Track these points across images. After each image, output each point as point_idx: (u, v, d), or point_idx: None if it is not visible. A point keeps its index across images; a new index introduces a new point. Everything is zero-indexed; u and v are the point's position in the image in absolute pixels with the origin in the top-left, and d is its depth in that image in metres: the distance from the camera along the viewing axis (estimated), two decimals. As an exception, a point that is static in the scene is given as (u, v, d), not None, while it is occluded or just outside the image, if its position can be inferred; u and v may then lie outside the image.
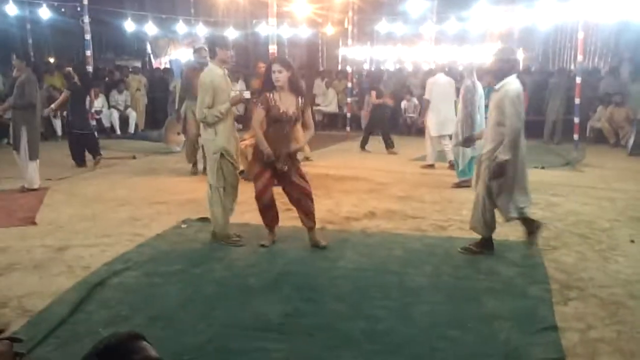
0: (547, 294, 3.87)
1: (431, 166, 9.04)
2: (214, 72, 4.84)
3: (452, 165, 8.22)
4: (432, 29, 16.32)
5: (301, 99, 4.70)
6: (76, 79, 9.00)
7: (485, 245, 4.75)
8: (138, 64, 17.94)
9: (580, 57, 10.36)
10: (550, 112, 12.16)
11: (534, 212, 6.13)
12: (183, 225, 5.54)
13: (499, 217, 4.73)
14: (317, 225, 4.98)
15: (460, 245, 4.84)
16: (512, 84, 4.46)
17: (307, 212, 4.80)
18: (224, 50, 4.92)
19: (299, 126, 4.85)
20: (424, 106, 9.28)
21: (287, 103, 4.65)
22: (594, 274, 4.27)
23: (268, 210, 4.85)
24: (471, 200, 4.80)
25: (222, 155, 4.88)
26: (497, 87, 4.54)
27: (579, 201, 6.66)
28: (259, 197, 4.75)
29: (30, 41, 13.38)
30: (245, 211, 5.72)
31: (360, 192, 7.15)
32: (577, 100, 10.30)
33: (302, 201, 4.76)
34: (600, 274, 4.27)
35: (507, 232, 5.17)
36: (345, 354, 3.07)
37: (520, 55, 18.74)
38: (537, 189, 7.35)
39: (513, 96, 4.39)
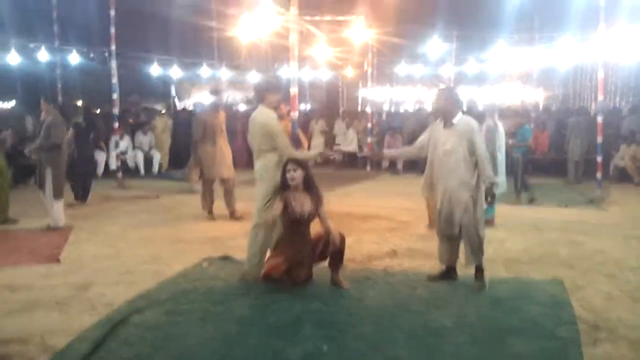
0: (576, 334, 3.77)
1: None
2: (269, 112, 4.93)
3: None
4: (451, 70, 16.47)
5: (316, 197, 4.72)
6: (81, 119, 9.26)
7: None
8: (162, 107, 18.38)
9: (600, 97, 10.30)
10: (572, 151, 12.05)
11: (559, 252, 6.03)
12: (204, 264, 5.53)
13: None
14: (339, 265, 4.96)
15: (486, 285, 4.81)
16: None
17: (338, 254, 4.74)
18: (274, 93, 4.97)
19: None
20: None
21: (302, 203, 4.70)
22: (622, 314, 4.15)
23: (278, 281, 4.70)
24: (495, 238, 4.74)
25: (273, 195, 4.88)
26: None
27: (605, 240, 6.51)
28: (266, 276, 4.62)
29: (59, 85, 13.80)
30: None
31: (382, 230, 7.10)
32: (599, 139, 10.21)
33: (336, 246, 4.70)
34: (628, 314, 4.16)
35: (530, 270, 5.06)
36: (367, 396, 3.01)
37: (540, 95, 18.79)
38: (561, 228, 7.25)
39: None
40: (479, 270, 4.85)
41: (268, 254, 4.93)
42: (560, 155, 12.47)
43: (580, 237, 6.61)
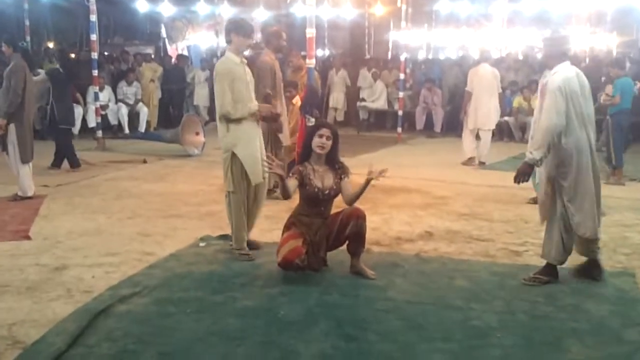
0: (648, 338, 3.83)
1: (471, 159, 10.16)
2: (230, 61, 5.16)
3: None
4: (504, 9, 16.19)
5: (338, 169, 4.82)
6: (58, 65, 9.26)
7: (552, 272, 4.77)
8: (151, 51, 18.33)
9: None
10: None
11: (632, 238, 5.99)
12: (202, 244, 5.60)
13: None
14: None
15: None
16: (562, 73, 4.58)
17: (357, 236, 4.76)
18: (241, 37, 5.19)
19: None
20: (464, 99, 10.24)
21: (323, 177, 4.79)
22: None
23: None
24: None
25: (233, 155, 5.16)
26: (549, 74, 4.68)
27: None
28: (287, 262, 4.62)
29: (27, 23, 13.78)
30: (275, 228, 5.77)
31: (414, 207, 7.15)
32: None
33: (354, 227, 4.71)
34: None
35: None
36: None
37: (613, 41, 18.39)
38: (636, 207, 7.20)
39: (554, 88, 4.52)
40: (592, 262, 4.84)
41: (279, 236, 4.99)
42: None
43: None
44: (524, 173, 4.58)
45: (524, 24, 17.27)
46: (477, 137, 10.30)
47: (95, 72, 11.63)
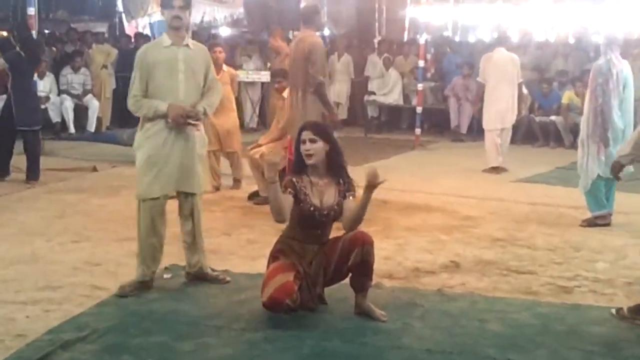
0: None
1: (496, 169, 10.31)
2: (156, 44, 5.45)
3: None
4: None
5: (343, 184, 4.81)
6: (17, 47, 9.23)
7: None
8: (103, 29, 18.30)
9: None
10: None
11: None
12: (166, 275, 5.60)
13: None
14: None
15: (593, 317, 4.78)
16: None
17: (364, 267, 4.71)
18: (165, 10, 5.49)
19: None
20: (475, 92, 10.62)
21: (322, 192, 4.78)
22: None
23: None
24: (613, 247, 4.72)
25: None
26: None
27: None
28: (271, 306, 4.56)
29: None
30: (259, 256, 5.79)
31: (436, 230, 7.13)
32: None
33: (359, 255, 4.66)
34: None
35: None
36: None
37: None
38: None
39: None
40: None
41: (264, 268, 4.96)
42: None
43: None
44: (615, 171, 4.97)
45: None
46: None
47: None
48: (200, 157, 5.45)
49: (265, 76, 13.82)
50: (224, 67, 8.85)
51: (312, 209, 4.72)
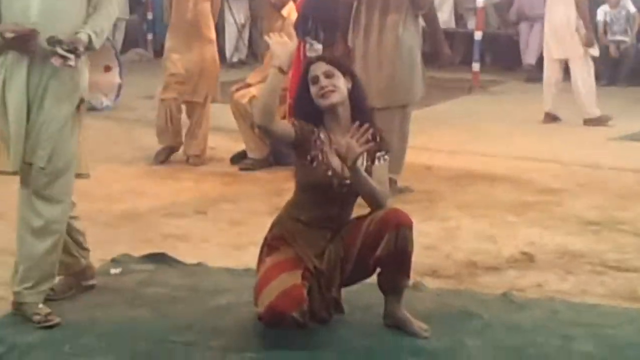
0: None
1: (550, 116, 10.86)
2: None
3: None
4: None
5: (372, 139, 4.62)
6: None
7: None
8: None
9: None
10: None
11: None
12: (114, 270, 5.64)
13: None
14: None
15: None
16: None
17: (398, 260, 4.63)
18: None
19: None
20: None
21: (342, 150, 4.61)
22: None
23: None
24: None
25: None
26: None
27: None
28: (272, 320, 4.53)
29: None
30: (247, 243, 5.86)
31: (501, 208, 7.17)
32: None
33: (392, 242, 4.58)
34: None
35: None
36: None
37: None
38: None
39: None
40: None
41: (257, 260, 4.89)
42: None
43: None
44: None
45: None
46: None
47: None
48: (70, 118, 5.08)
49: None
50: None
51: (330, 173, 4.65)
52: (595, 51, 10.87)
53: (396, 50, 7.08)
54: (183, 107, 8.87)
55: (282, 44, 4.55)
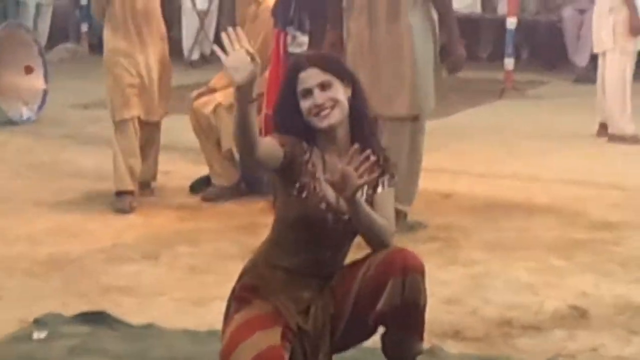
0: None
1: (605, 128, 10.91)
2: None
3: None
4: None
5: (377, 163, 4.58)
6: None
7: None
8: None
9: None
10: None
11: None
12: (37, 335, 5.62)
13: None
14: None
15: None
16: None
17: (406, 315, 4.57)
18: None
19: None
20: None
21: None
22: None
23: None
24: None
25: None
26: None
27: None
28: None
29: None
30: (210, 297, 5.91)
31: (542, 247, 7.21)
32: None
33: (398, 292, 4.56)
34: None
35: None
36: None
37: None
38: None
39: None
40: None
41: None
42: None
43: None
44: None
45: None
46: None
47: None
48: None
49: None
50: None
51: (323, 206, 4.60)
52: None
53: (409, 43, 6.92)
54: None
55: (237, 61, 4.22)
